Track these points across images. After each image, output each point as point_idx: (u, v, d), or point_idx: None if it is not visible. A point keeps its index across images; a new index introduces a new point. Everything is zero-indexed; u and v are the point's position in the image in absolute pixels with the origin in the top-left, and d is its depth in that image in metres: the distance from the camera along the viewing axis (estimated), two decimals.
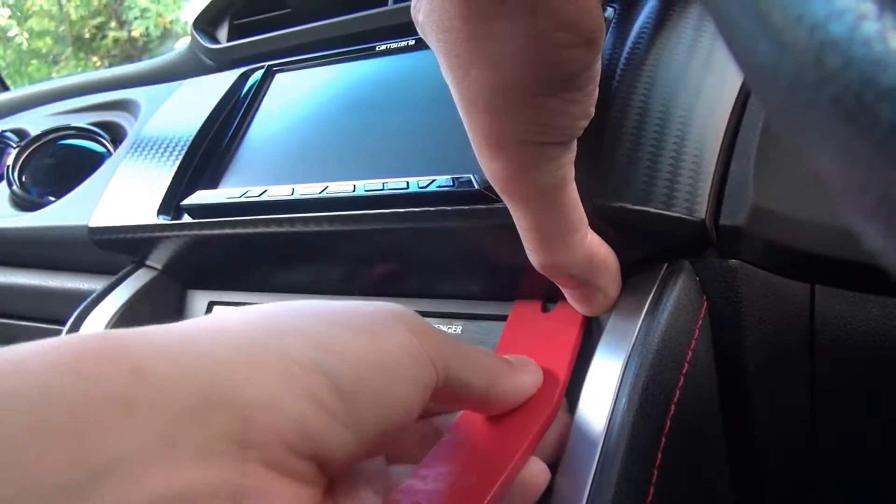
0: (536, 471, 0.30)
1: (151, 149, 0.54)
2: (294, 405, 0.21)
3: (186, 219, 0.47)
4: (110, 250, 0.54)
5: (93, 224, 0.52)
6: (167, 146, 0.53)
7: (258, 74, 0.54)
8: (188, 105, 0.57)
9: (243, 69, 0.56)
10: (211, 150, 0.51)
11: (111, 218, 0.52)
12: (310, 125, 0.48)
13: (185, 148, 0.51)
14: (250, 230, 0.44)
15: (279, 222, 0.42)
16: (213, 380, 0.20)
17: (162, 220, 0.48)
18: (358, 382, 0.23)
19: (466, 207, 0.36)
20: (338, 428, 0.22)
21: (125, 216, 0.51)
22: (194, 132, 0.52)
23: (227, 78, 0.56)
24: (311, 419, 0.21)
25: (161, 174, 0.51)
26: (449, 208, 0.37)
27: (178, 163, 0.51)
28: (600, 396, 0.31)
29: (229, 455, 0.20)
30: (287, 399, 0.21)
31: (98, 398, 0.18)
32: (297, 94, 0.51)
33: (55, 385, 0.18)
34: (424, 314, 0.43)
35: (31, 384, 0.17)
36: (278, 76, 0.54)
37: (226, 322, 0.22)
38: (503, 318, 0.39)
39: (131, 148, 0.56)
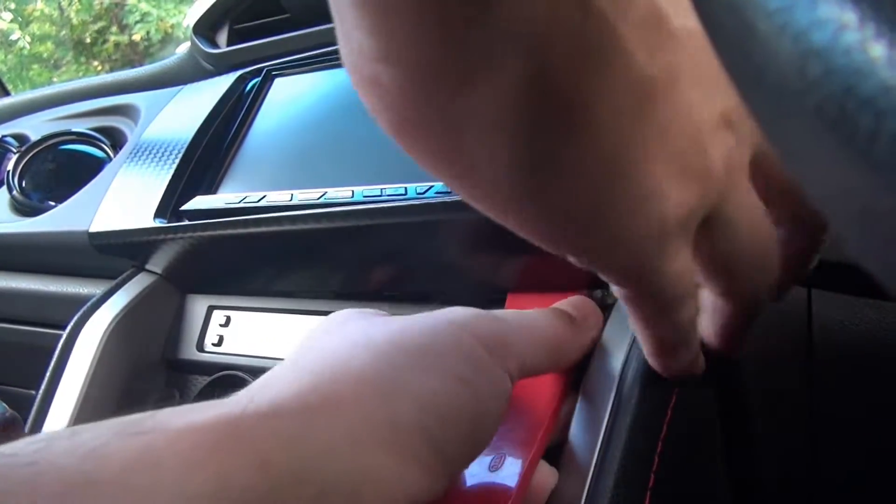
0: (545, 472, 0.30)
1: (151, 154, 0.54)
2: (402, 471, 0.23)
3: (186, 222, 0.47)
4: (110, 255, 0.54)
5: (93, 229, 0.53)
6: (167, 151, 0.53)
7: (256, 78, 0.54)
8: (188, 110, 0.57)
9: (241, 72, 0.56)
10: (210, 155, 0.51)
11: (111, 222, 0.52)
12: (308, 130, 0.48)
13: (185, 153, 0.51)
14: (250, 230, 0.44)
15: (279, 221, 0.42)
16: (333, 466, 0.22)
17: (161, 224, 0.48)
18: (457, 441, 0.25)
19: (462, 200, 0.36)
20: (436, 483, 0.24)
21: (125, 221, 0.51)
22: (193, 137, 0.52)
23: (225, 81, 0.56)
24: (414, 480, 0.24)
25: (161, 179, 0.51)
26: (448, 199, 0.37)
27: (177, 168, 0.51)
28: (598, 405, 0.31)
29: None
30: (396, 467, 0.23)
31: (231, 495, 0.20)
32: (296, 99, 0.52)
33: (192, 483, 0.20)
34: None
35: (168, 482, 0.19)
36: (277, 80, 0.54)
37: (342, 392, 0.24)
38: None
39: (131, 153, 0.56)
